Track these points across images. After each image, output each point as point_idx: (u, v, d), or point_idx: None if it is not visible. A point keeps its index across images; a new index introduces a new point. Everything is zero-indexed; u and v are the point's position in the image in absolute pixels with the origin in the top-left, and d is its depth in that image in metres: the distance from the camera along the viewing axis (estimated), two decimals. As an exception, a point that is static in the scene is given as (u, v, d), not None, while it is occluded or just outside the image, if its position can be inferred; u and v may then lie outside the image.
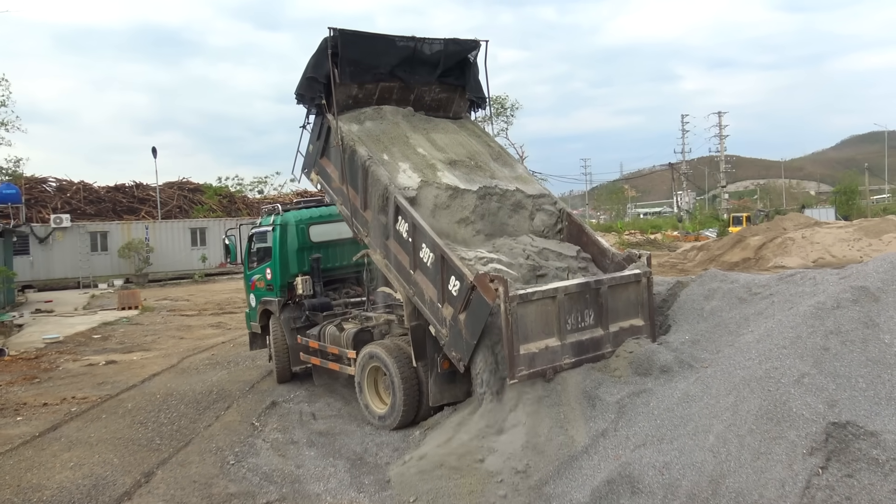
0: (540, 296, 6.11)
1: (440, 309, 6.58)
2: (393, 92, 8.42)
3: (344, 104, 8.12)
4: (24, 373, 11.73)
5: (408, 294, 7.13)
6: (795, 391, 4.48)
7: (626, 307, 6.66)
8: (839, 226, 30.98)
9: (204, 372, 11.16)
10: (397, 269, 7.29)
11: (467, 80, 8.69)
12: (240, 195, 45.11)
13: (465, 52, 8.47)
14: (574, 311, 6.28)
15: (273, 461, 6.75)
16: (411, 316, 7.13)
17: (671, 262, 32.06)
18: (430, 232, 6.66)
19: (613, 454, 4.98)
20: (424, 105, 8.69)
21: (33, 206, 33.88)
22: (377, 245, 7.63)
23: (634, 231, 58.58)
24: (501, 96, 55.74)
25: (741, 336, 5.72)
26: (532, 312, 6.03)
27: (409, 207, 6.94)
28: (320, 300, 9.48)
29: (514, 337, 5.76)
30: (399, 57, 8.20)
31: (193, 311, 20.29)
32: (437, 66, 8.28)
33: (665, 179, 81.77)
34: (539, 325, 6.06)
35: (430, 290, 6.73)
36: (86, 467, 6.83)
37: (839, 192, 66.14)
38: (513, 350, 5.72)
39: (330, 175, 8.33)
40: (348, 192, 7.96)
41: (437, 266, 6.55)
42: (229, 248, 11.55)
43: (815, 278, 6.07)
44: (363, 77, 8.04)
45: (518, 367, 5.72)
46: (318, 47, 7.93)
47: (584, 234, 7.77)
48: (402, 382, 7.13)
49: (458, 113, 8.90)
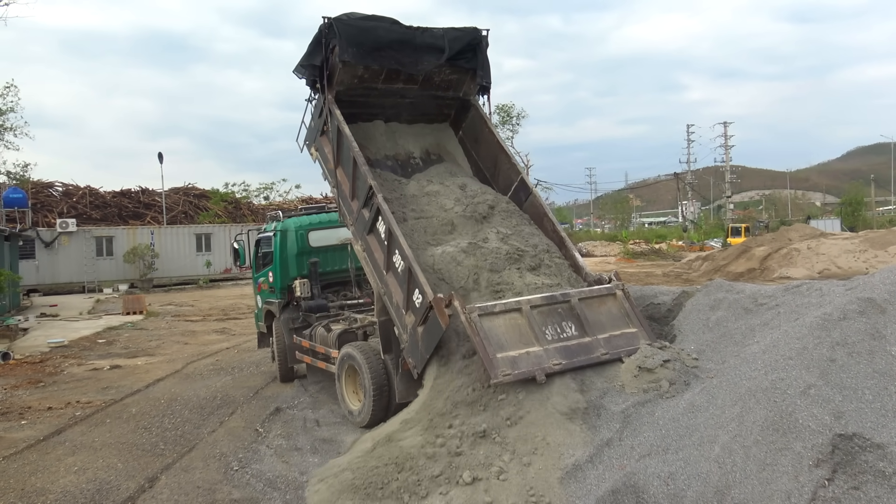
0: (503, 308, 6.13)
1: (404, 315, 6.80)
2: (400, 72, 8.29)
3: (349, 84, 8.12)
4: (29, 377, 11.77)
5: (379, 290, 7.33)
6: (801, 402, 4.46)
7: (610, 319, 6.58)
8: (845, 237, 30.88)
9: (208, 377, 11.19)
10: (373, 265, 7.49)
11: (479, 64, 8.61)
12: (245, 201, 45.31)
13: (467, 38, 8.43)
14: (550, 324, 6.21)
15: (277, 467, 6.75)
16: (381, 311, 7.36)
17: (676, 271, 32.01)
18: (404, 243, 6.75)
19: (618, 464, 4.97)
20: (434, 85, 8.62)
21: (39, 211, 34.09)
22: (359, 236, 7.78)
23: (639, 241, 58.48)
24: (508, 105, 56.07)
25: (747, 346, 5.70)
26: (501, 325, 6.02)
27: (388, 213, 7.02)
28: (317, 302, 9.94)
29: (484, 342, 5.76)
30: (401, 41, 8.11)
31: (198, 317, 20.34)
32: (442, 50, 8.22)
33: (670, 189, 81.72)
34: (513, 335, 6.01)
35: (397, 294, 6.93)
36: (90, 472, 6.84)
37: (845, 203, 66.05)
38: (487, 354, 5.71)
39: (327, 155, 8.41)
40: (340, 177, 8.09)
41: (405, 275, 6.69)
42: (238, 252, 12.02)
43: (821, 289, 6.04)
44: (367, 59, 7.98)
45: (500, 369, 5.65)
46: (314, 36, 7.95)
47: (564, 247, 7.75)
48: (373, 381, 7.51)
49: (467, 94, 8.85)
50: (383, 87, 8.39)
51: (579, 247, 54.66)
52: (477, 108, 8.87)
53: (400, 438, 6.05)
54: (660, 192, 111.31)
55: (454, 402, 6.02)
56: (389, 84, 8.37)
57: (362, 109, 8.59)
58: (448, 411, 5.99)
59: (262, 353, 12.17)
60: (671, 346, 6.28)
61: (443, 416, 5.97)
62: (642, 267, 36.89)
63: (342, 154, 7.93)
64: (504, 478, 5.21)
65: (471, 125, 9.01)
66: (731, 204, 68.94)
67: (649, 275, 30.15)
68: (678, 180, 67.72)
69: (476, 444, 5.55)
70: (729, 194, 67.38)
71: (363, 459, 6.04)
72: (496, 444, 5.50)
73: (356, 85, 8.21)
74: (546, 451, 5.30)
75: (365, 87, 8.28)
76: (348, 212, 8.03)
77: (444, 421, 5.92)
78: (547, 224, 7.96)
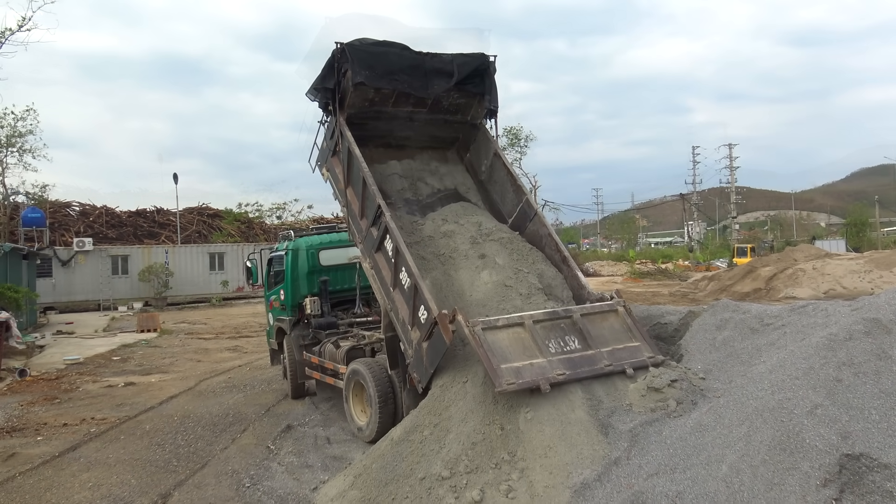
0: (506, 323, 6.27)
1: (410, 331, 6.95)
2: (410, 96, 8.50)
3: (360, 107, 8.35)
4: (45, 393, 11.91)
5: (386, 307, 7.50)
6: (808, 422, 4.49)
7: (613, 333, 6.65)
8: (850, 257, 30.70)
9: (221, 395, 11.28)
10: (380, 282, 7.66)
11: (487, 89, 8.77)
12: (258, 221, 45.69)
13: (475, 63, 8.61)
14: (553, 338, 6.32)
15: (288, 484, 6.81)
16: (388, 327, 7.55)
17: (682, 291, 31.87)
18: (411, 260, 6.91)
19: (626, 483, 5.00)
20: (443, 109, 8.83)
21: (57, 230, 34.55)
22: (367, 254, 7.98)
23: (646, 260, 58.31)
24: (516, 127, 56.42)
25: (753, 366, 5.73)
26: (504, 338, 6.15)
27: (396, 231, 7.17)
28: (327, 319, 10.17)
29: (489, 355, 5.87)
30: (412, 66, 8.32)
31: (211, 335, 20.48)
32: (451, 74, 8.41)
33: (676, 210, 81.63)
34: (517, 348, 6.14)
35: (403, 311, 7.08)
36: (104, 488, 6.93)
37: (850, 223, 65.66)
38: (491, 364, 5.82)
39: (338, 175, 8.60)
40: (350, 196, 8.29)
41: (411, 292, 6.84)
42: (251, 270, 12.45)
43: (826, 310, 6.07)
44: (379, 81, 8.18)
45: (504, 378, 5.75)
46: (327, 60, 8.17)
47: (567, 266, 7.82)
48: (378, 397, 7.67)
49: (475, 118, 9.04)
50: (393, 111, 8.59)
51: (586, 266, 54.69)
52: (485, 132, 9.03)
53: (405, 455, 6.10)
54: (666, 212, 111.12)
55: (463, 419, 6.08)
56: (399, 108, 8.58)
57: (372, 132, 8.78)
58: (456, 429, 6.03)
59: (274, 371, 12.29)
60: (678, 366, 6.32)
61: (449, 433, 6.01)
62: (649, 286, 36.78)
63: (352, 174, 8.11)
64: (513, 496, 5.25)
65: (478, 148, 9.17)
66: (736, 224, 68.70)
67: (656, 294, 30.05)
68: (684, 201, 67.69)
69: (485, 462, 5.60)
70: (734, 215, 67.19)
71: (367, 479, 6.08)
72: (505, 462, 5.54)
73: (367, 108, 8.41)
74: (554, 469, 5.33)
75: (375, 110, 8.48)
76: (357, 230, 8.20)
77: (453, 438, 5.96)
78: (550, 244, 8.06)
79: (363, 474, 6.17)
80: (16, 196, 33.03)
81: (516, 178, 8.65)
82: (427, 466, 5.75)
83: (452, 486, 5.45)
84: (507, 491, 5.30)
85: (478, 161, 9.19)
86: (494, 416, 5.86)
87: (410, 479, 5.72)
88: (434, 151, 9.39)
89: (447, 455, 5.73)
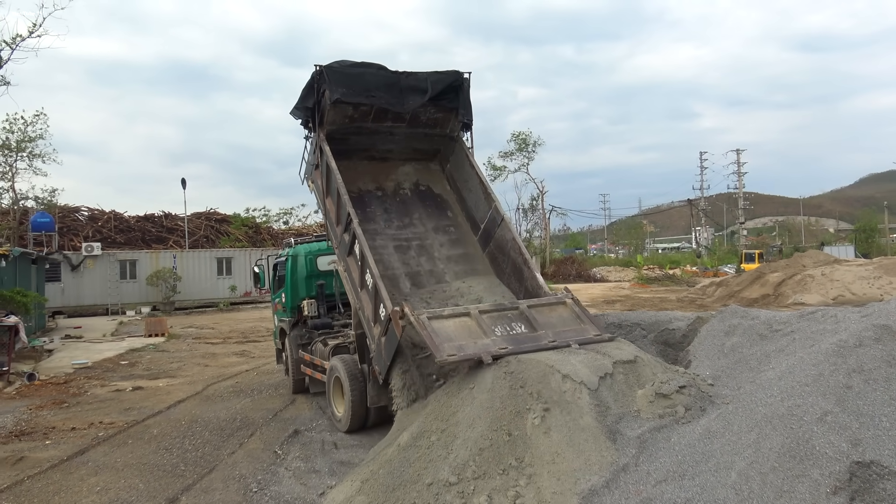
0: (451, 313, 6.77)
1: (373, 327, 7.60)
2: (388, 112, 9.08)
3: (341, 123, 8.98)
4: (54, 397, 11.98)
5: (356, 306, 8.15)
6: (818, 429, 4.46)
7: (561, 320, 7.04)
8: (859, 263, 30.47)
9: (228, 399, 11.31)
10: (352, 284, 8.28)
11: (461, 104, 9.35)
12: (265, 226, 45.81)
13: (449, 80, 9.14)
14: (500, 324, 6.72)
15: (295, 490, 6.82)
16: (357, 325, 8.24)
17: (690, 297, 31.76)
18: (373, 265, 7.50)
19: (634, 490, 4.97)
20: (421, 123, 9.43)
21: (66, 235, 34.77)
22: (342, 258, 8.60)
23: (653, 266, 58.13)
24: (525, 132, 56.51)
25: (762, 373, 5.70)
26: (450, 325, 6.60)
27: (362, 236, 7.75)
28: (322, 320, 10.91)
29: (431, 335, 6.32)
30: (387, 84, 8.88)
31: (218, 339, 20.55)
32: (425, 91, 8.97)
33: (683, 215, 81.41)
34: (462, 332, 6.55)
35: (368, 309, 7.71)
36: (112, 492, 6.95)
37: (859, 229, 65.31)
38: (433, 341, 6.25)
39: (320, 187, 9.18)
40: (329, 206, 8.89)
41: (374, 291, 7.44)
42: (259, 276, 13.40)
43: (836, 316, 6.04)
44: (356, 98, 8.77)
45: (445, 351, 6.17)
46: (307, 81, 8.76)
47: (528, 268, 8.36)
48: (351, 390, 8.45)
49: (452, 131, 9.64)
50: (373, 126, 9.22)
51: (594, 272, 54.61)
52: (461, 144, 9.61)
53: (413, 461, 6.09)
54: (673, 218, 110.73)
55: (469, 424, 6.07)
56: (379, 123, 9.21)
57: (355, 147, 9.41)
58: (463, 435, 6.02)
59: (281, 376, 12.39)
60: (687, 372, 6.29)
61: (456, 439, 6.00)
62: (656, 292, 36.68)
63: (331, 185, 8.68)
64: (521, 502, 5.23)
65: (456, 159, 9.75)
66: (744, 230, 68.44)
67: (663, 300, 29.96)
68: (692, 206, 67.51)
69: (492, 468, 5.58)
70: (742, 220, 66.97)
71: (374, 484, 6.08)
72: (512, 468, 5.53)
73: (347, 124, 9.03)
74: (562, 476, 5.31)
75: (356, 125, 9.12)
76: (334, 236, 8.84)
77: (460, 444, 5.95)
78: (514, 247, 8.60)
79: (370, 479, 6.16)
80: (25, 201, 33.21)
81: (487, 187, 9.14)
82: (434, 472, 5.74)
83: (460, 492, 5.44)
84: (514, 497, 5.28)
85: (456, 171, 9.78)
86: (502, 422, 5.84)
87: (418, 484, 5.71)
88: (417, 163, 10.03)
89: (454, 461, 5.71)
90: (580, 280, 51.49)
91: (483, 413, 6.02)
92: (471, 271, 8.99)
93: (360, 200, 9.28)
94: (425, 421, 6.47)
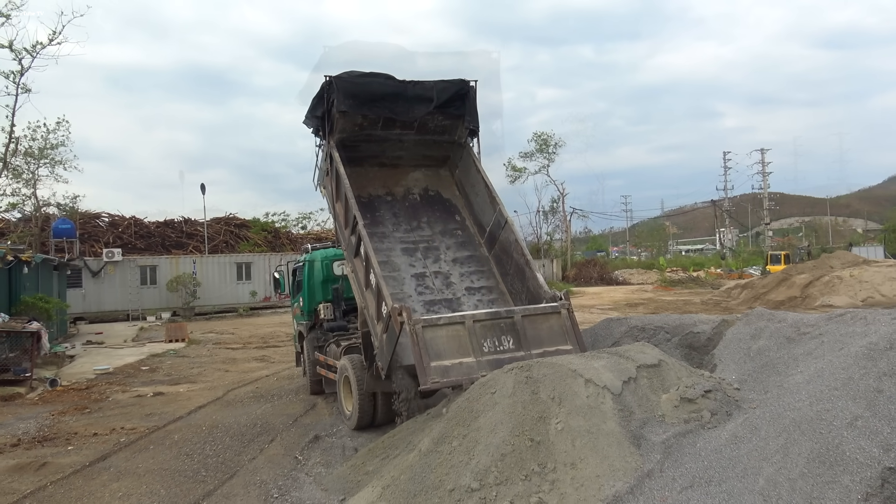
0: (447, 321, 6.99)
1: (376, 324, 7.84)
2: (395, 120, 9.34)
3: (351, 131, 9.28)
4: (76, 403, 12.09)
5: (362, 306, 8.40)
6: (848, 434, 4.36)
7: (550, 335, 7.28)
8: (888, 264, 29.88)
9: (248, 405, 11.35)
10: (358, 284, 8.52)
11: (467, 111, 9.55)
12: (284, 231, 46.06)
13: (455, 88, 9.36)
14: (490, 337, 6.99)
15: (316, 495, 6.79)
16: (363, 323, 8.49)
17: (715, 300, 31.43)
18: (376, 264, 7.77)
19: (660, 496, 4.90)
20: (429, 130, 9.69)
21: (87, 241, 35.16)
22: (349, 259, 8.89)
23: (677, 268, 57.61)
24: (547, 133, 56.48)
25: (790, 377, 5.59)
26: (443, 335, 6.84)
27: (366, 238, 8.01)
28: (338, 323, 11.18)
29: (422, 352, 6.58)
30: (394, 93, 9.13)
31: (238, 345, 20.67)
32: (431, 100, 9.20)
33: (707, 216, 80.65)
34: (452, 345, 6.81)
35: (372, 307, 7.97)
36: (133, 497, 6.98)
37: (888, 229, 64.17)
38: (422, 363, 6.55)
39: (332, 192, 9.42)
40: (338, 210, 9.16)
41: (377, 290, 7.69)
42: (279, 281, 13.87)
43: (866, 318, 5.92)
44: (362, 108, 9.07)
45: (430, 377, 6.50)
46: (317, 92, 9.06)
47: (529, 269, 8.54)
48: (359, 388, 8.75)
49: (460, 138, 9.87)
50: (382, 134, 9.50)
51: (616, 275, 54.28)
52: (468, 150, 9.83)
53: (435, 466, 6.05)
54: (697, 219, 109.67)
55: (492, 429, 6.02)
56: (387, 130, 9.49)
57: (365, 153, 9.67)
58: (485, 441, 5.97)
59: (301, 381, 12.45)
60: (712, 376, 6.19)
61: (478, 444, 5.95)
62: (680, 295, 36.35)
63: (340, 190, 8.91)
64: None
65: (464, 165, 9.98)
66: (769, 231, 67.60)
67: (687, 303, 29.68)
68: (716, 207, 66.89)
69: (514, 474, 5.53)
70: (767, 221, 66.16)
71: (395, 490, 6.05)
72: (535, 474, 5.47)
73: (357, 132, 9.32)
74: (586, 482, 5.25)
75: (366, 133, 9.40)
76: (343, 239, 9.12)
77: (482, 449, 5.90)
78: (517, 249, 8.82)
79: (391, 485, 6.13)
80: (47, 207, 33.69)
81: (492, 191, 9.33)
82: (456, 478, 5.69)
83: (482, 498, 5.39)
84: (537, 503, 5.22)
85: (464, 177, 10.00)
86: (524, 428, 5.79)
87: (439, 490, 5.67)
88: (427, 169, 10.29)
89: (476, 466, 5.66)
90: (602, 283, 51.23)
91: (505, 418, 5.96)
92: (476, 272, 9.30)
93: (369, 205, 9.59)
94: (447, 426, 6.43)
